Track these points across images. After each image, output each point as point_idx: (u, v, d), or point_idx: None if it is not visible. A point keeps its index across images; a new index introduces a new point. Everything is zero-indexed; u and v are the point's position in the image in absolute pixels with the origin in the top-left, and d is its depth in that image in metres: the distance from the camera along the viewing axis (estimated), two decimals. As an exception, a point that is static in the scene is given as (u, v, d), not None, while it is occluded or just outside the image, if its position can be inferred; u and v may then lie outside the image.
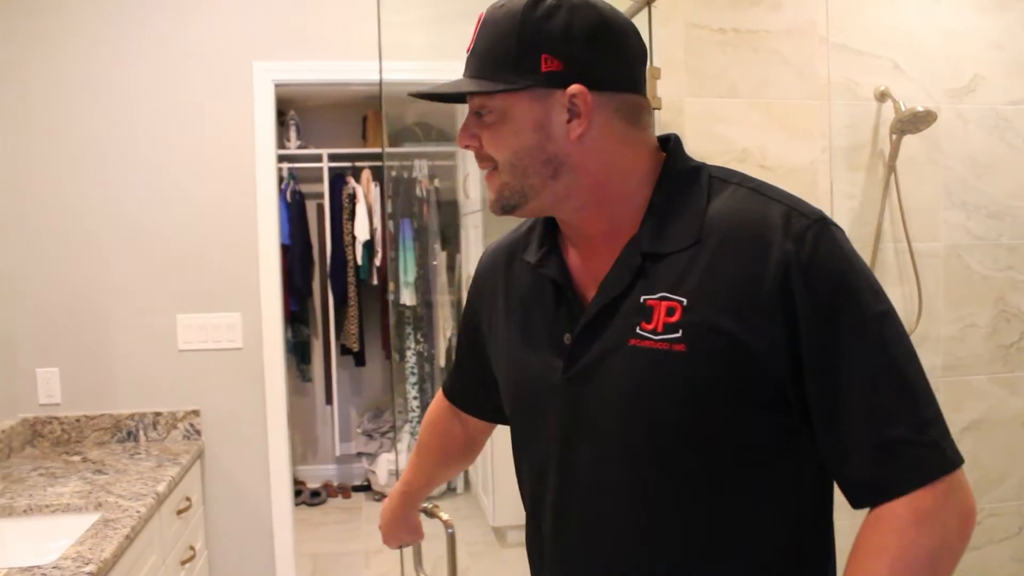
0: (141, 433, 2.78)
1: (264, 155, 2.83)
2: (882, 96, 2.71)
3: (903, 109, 2.63)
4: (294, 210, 4.92)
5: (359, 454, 5.15)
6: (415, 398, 5.02)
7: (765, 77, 2.64)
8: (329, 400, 5.20)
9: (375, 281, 4.98)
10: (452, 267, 5.12)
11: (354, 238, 4.96)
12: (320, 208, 5.16)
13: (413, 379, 5.03)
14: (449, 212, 5.14)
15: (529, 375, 1.04)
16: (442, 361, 5.02)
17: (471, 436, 1.38)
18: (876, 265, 2.74)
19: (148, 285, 2.78)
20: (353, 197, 4.98)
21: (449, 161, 5.18)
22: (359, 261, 4.97)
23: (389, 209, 4.98)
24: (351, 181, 5.01)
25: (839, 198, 2.76)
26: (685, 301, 0.90)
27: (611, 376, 0.94)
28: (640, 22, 2.33)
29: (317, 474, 5.34)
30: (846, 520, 1.01)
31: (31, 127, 2.69)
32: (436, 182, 5.10)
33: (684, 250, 0.92)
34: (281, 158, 4.95)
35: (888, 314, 0.88)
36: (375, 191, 4.99)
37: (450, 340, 5.01)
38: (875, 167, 2.77)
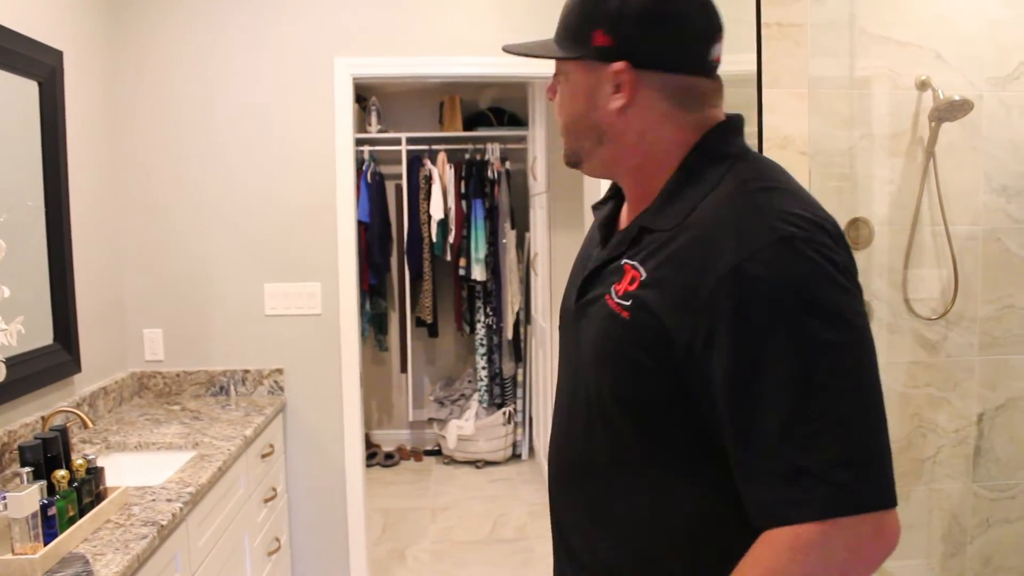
0: (232, 388, 3.12)
1: (343, 141, 3.13)
2: (923, 85, 2.83)
3: (941, 97, 2.75)
4: (374, 190, 5.25)
5: (431, 420, 5.47)
6: (484, 368, 5.31)
7: (807, 68, 2.79)
8: (404, 368, 5.54)
9: (448, 257, 5.27)
10: (521, 245, 5.38)
11: (429, 217, 5.25)
12: (399, 189, 5.47)
13: (482, 350, 5.31)
14: (519, 193, 5.39)
15: (567, 296, 1.17)
16: (510, 334, 5.29)
17: None
18: (913, 247, 2.87)
19: (240, 257, 3.12)
20: (429, 178, 5.27)
21: (520, 144, 5.41)
22: (434, 238, 5.26)
23: (462, 190, 5.25)
24: (427, 163, 5.29)
25: (878, 183, 2.90)
26: (644, 276, 0.96)
27: (591, 320, 1.05)
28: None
29: (391, 438, 5.70)
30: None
31: (148, 117, 3.05)
32: (507, 164, 5.34)
33: (666, 231, 0.97)
34: (362, 141, 5.28)
35: (838, 345, 0.85)
36: (450, 173, 5.26)
37: (517, 314, 5.27)
38: (915, 153, 2.89)
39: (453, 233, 5.20)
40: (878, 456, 0.86)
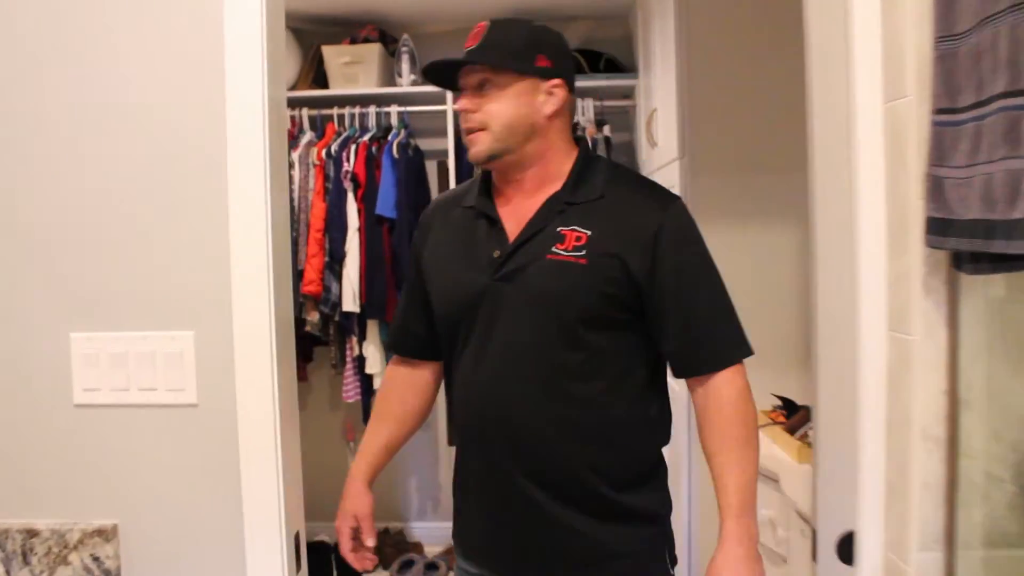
0: (5, 569, 1.42)
1: (242, 67, 1.39)
2: None
3: None
4: (405, 170, 3.50)
5: (493, 513, 3.71)
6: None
7: None
8: (453, 440, 3.79)
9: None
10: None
11: (488, 210, 3.52)
12: (443, 168, 3.76)
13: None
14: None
15: (462, 282, 1.51)
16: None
17: (424, 392, 1.71)
18: None
19: (22, 281, 1.42)
20: (487, 152, 3.55)
21: (623, 101, 3.66)
22: (495, 243, 3.53)
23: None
24: (485, 130, 3.56)
25: None
26: (590, 233, 1.44)
27: (529, 278, 1.44)
28: None
29: (436, 535, 3.95)
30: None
31: None
32: (605, 130, 3.58)
33: (591, 201, 1.47)
34: (389, 99, 3.65)
35: (715, 265, 1.48)
36: (519, 144, 3.54)
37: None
38: None
39: (524, 234, 3.46)
40: (741, 325, 1.49)
